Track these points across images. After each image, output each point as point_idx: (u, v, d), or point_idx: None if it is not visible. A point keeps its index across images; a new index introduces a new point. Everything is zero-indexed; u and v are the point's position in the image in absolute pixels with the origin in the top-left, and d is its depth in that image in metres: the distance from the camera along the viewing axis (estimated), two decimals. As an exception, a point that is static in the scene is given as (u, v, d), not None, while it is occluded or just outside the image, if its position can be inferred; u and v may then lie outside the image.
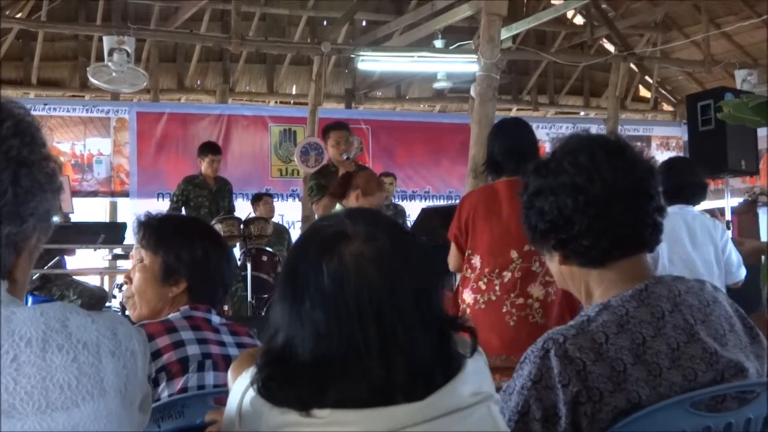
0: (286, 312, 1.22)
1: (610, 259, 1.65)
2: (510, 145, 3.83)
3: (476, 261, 3.83)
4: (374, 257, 1.21)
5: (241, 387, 1.27)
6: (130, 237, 6.77)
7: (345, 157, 5.94)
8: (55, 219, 1.16)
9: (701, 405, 1.56)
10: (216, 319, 2.19)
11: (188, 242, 2.19)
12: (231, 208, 8.22)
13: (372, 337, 1.17)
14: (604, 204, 1.61)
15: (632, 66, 11.93)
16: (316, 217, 7.84)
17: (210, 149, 8.23)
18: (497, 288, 3.78)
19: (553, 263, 1.72)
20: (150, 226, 2.23)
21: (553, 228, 1.66)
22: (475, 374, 1.24)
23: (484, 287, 3.79)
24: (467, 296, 3.84)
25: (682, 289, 1.64)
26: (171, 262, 2.18)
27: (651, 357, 1.54)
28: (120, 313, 3.41)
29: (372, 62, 10.82)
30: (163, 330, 2.05)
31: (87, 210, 10.10)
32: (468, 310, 3.80)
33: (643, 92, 14.33)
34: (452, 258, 3.94)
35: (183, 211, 7.74)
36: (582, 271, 1.68)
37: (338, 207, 4.76)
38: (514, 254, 3.77)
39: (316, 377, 1.18)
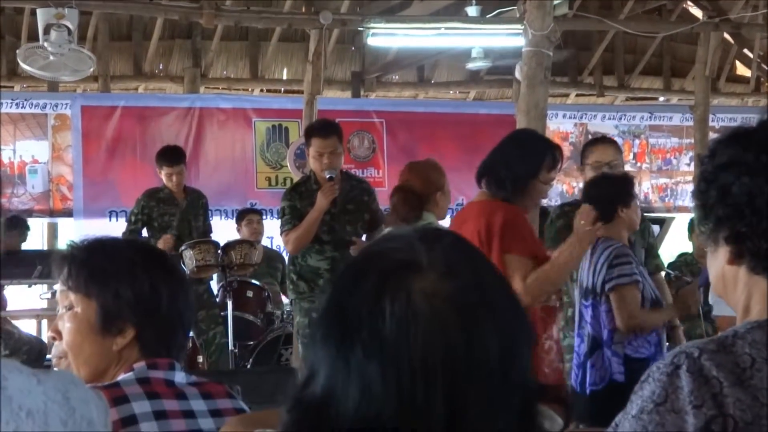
0: (330, 356, 1.21)
1: None
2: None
3: None
4: (453, 298, 1.19)
5: None
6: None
7: (327, 177, 5.81)
8: None
9: None
10: (181, 377, 2.15)
11: (129, 274, 2.12)
12: (207, 229, 8.20)
13: (438, 404, 1.16)
14: None
15: (727, 36, 11.90)
16: (285, 255, 7.55)
17: (165, 158, 7.80)
18: None
19: (717, 260, 1.72)
20: (76, 260, 2.14)
21: (735, 216, 1.65)
22: None
23: None
24: None
25: None
26: (109, 305, 2.11)
27: None
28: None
29: (386, 37, 10.83)
30: (109, 401, 1.90)
31: (19, 234, 10.16)
32: None
33: (742, 70, 14.29)
34: None
35: (144, 234, 7.76)
36: (751, 278, 1.68)
37: (426, 216, 4.86)
38: None
39: None
